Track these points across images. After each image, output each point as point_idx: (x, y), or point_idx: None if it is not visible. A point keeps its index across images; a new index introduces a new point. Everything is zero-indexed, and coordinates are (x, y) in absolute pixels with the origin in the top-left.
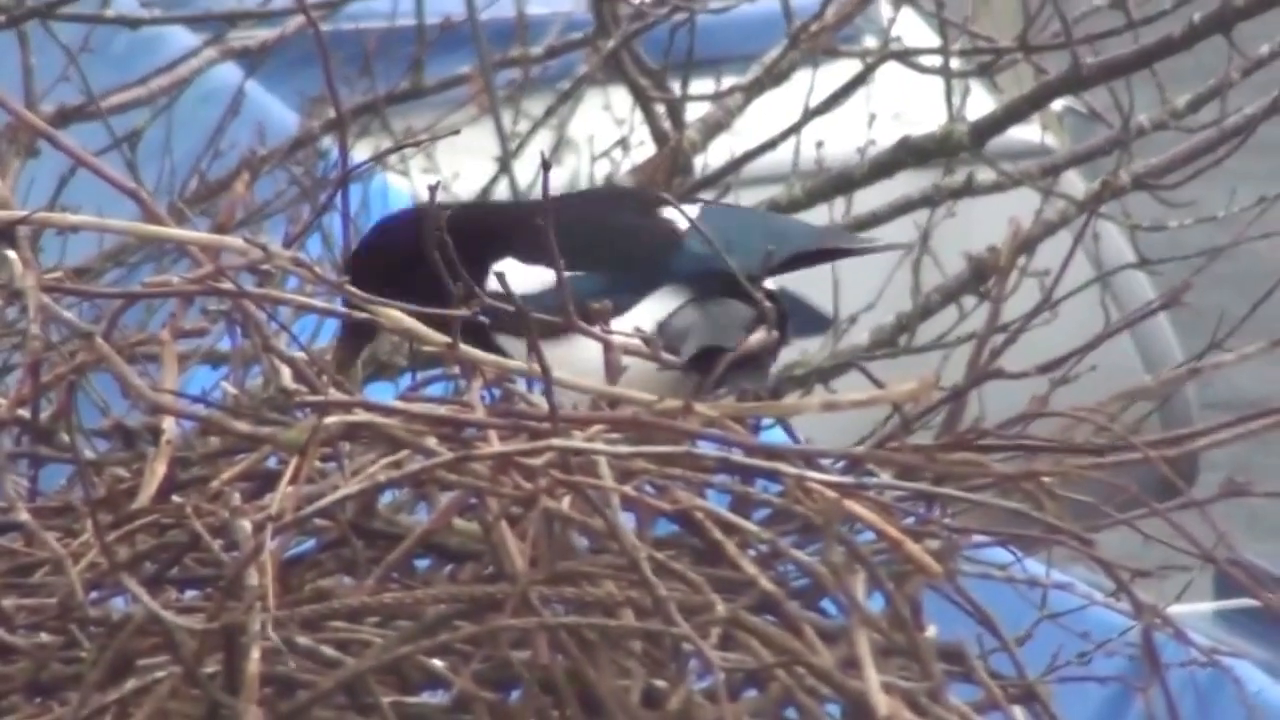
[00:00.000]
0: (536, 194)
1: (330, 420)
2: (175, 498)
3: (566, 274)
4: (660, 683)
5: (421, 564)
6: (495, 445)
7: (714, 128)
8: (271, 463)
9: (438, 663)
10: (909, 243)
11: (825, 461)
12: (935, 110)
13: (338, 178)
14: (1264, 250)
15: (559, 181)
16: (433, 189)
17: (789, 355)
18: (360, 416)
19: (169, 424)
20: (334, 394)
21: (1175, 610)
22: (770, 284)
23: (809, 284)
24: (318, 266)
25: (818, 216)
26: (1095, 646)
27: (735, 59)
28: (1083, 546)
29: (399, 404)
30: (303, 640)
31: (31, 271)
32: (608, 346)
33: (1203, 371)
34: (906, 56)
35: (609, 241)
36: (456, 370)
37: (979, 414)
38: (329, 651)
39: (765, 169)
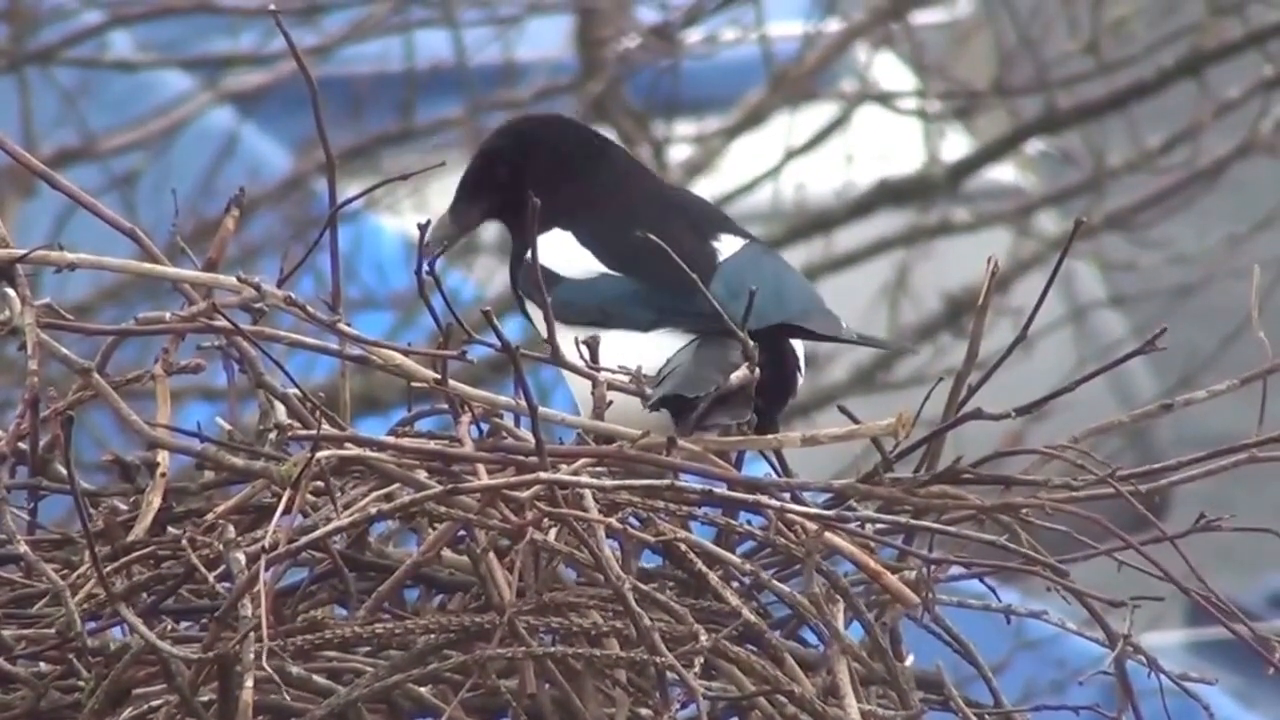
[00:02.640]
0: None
1: (322, 454)
2: (171, 530)
3: (604, 270)
4: (645, 711)
5: (411, 595)
6: (484, 478)
7: (697, 168)
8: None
9: (427, 691)
10: (889, 340)
11: (807, 494)
12: (912, 151)
13: (328, 217)
14: (1233, 287)
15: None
16: (422, 227)
17: None
18: (352, 451)
19: (164, 458)
20: (326, 429)
21: (1147, 639)
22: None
23: None
24: (309, 305)
25: (796, 255)
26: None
27: (717, 102)
28: (1057, 578)
29: (390, 439)
30: (296, 669)
31: (30, 309)
32: (594, 382)
33: (1174, 408)
34: (884, 99)
35: (653, 255)
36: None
37: (957, 449)
38: (321, 680)
39: (747, 208)
